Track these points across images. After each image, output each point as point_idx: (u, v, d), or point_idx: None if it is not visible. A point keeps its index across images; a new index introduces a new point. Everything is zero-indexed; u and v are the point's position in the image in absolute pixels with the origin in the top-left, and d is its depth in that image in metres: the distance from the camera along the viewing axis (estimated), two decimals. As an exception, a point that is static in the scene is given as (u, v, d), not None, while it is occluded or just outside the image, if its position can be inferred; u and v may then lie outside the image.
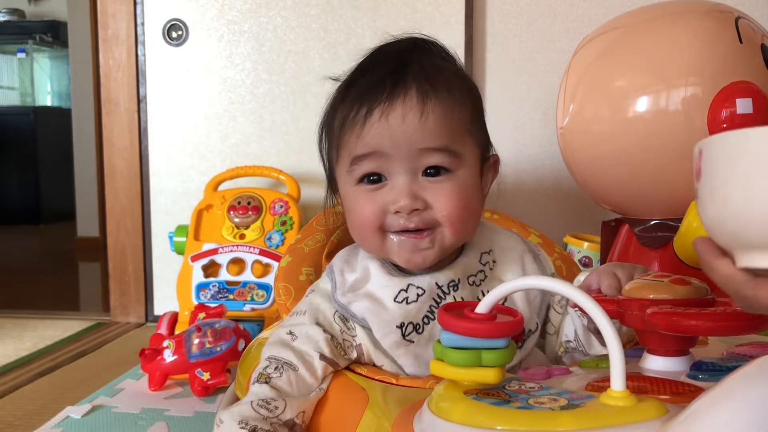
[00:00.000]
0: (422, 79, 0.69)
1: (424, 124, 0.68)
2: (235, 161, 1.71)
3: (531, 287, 0.64)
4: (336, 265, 0.79)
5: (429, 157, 0.70)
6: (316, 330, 0.73)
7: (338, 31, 1.67)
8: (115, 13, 1.74)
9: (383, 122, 0.69)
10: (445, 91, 0.70)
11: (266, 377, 0.70)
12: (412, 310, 0.72)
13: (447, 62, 0.76)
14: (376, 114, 0.69)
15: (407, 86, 0.69)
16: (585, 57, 1.18)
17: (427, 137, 0.69)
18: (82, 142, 3.38)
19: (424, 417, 0.56)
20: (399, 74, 0.70)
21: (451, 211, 0.70)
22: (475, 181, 0.74)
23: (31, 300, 2.16)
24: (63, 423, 1.05)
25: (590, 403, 0.52)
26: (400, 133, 0.69)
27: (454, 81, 0.73)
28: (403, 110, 0.68)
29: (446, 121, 0.70)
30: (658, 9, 1.14)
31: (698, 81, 1.03)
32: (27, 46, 4.44)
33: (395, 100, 0.69)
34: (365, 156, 0.71)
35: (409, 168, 0.70)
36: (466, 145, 0.72)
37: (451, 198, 0.70)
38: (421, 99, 0.68)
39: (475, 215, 0.74)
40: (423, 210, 0.70)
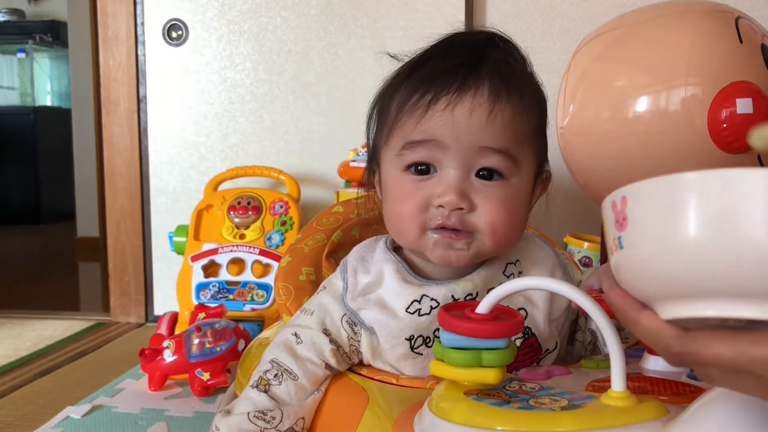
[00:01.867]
0: (496, 77, 0.66)
1: (491, 124, 0.65)
2: (235, 161, 1.71)
3: (531, 287, 0.64)
4: (350, 262, 0.75)
5: (487, 157, 0.66)
6: (323, 339, 0.71)
7: (338, 31, 1.67)
8: (115, 13, 1.74)
9: (447, 113, 0.65)
10: (518, 94, 0.67)
11: (266, 384, 0.69)
12: (423, 322, 0.69)
13: (520, 64, 0.73)
14: (442, 103, 0.65)
15: (480, 81, 0.66)
16: (585, 57, 1.18)
17: (490, 136, 0.65)
18: (82, 142, 3.38)
19: (425, 417, 0.56)
20: (473, 67, 0.66)
21: (496, 219, 0.66)
22: (527, 193, 0.70)
23: (31, 300, 2.16)
24: (63, 423, 1.05)
25: (591, 403, 0.52)
26: (463, 127, 0.65)
27: (527, 85, 0.70)
28: (472, 105, 0.65)
29: (513, 124, 0.66)
30: (658, 9, 1.14)
31: (698, 81, 1.03)
32: (27, 46, 4.43)
33: (465, 92, 0.65)
34: (420, 143, 0.67)
35: (463, 164, 0.66)
36: (526, 154, 0.69)
37: (499, 206, 0.66)
38: (493, 97, 0.65)
39: (519, 228, 0.70)
40: (467, 211, 0.66)
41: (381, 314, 0.70)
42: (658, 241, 0.39)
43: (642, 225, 0.40)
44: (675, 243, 0.38)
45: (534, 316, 0.71)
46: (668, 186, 0.39)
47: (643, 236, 0.40)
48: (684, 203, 0.38)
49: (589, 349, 0.76)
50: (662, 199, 0.39)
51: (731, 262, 0.36)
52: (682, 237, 0.38)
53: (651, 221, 0.40)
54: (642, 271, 0.41)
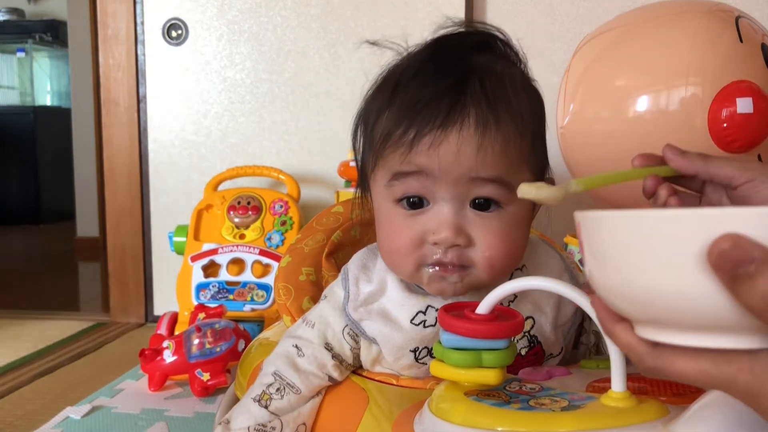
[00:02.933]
0: (483, 103, 0.61)
1: (480, 158, 0.61)
2: (235, 161, 1.71)
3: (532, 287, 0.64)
4: (352, 270, 0.73)
5: (480, 187, 0.62)
6: (325, 354, 0.70)
7: (338, 31, 1.67)
8: (114, 12, 1.74)
9: (433, 150, 0.61)
10: (508, 118, 0.62)
11: (267, 398, 0.69)
12: (428, 334, 0.67)
13: (511, 67, 0.67)
14: (427, 140, 0.61)
15: (465, 112, 0.61)
16: (585, 57, 1.18)
17: (481, 168, 0.61)
18: (82, 142, 3.38)
19: (425, 418, 0.56)
20: (456, 93, 0.62)
21: (494, 254, 0.63)
22: (526, 214, 0.67)
23: (31, 300, 2.16)
24: (63, 423, 1.05)
25: (591, 404, 0.52)
26: (451, 162, 0.61)
27: (519, 99, 0.64)
28: (459, 141, 0.61)
29: (506, 152, 0.62)
30: (658, 9, 1.14)
31: (698, 81, 1.03)
32: (27, 45, 4.43)
33: (450, 128, 0.61)
34: (408, 174, 0.63)
35: (456, 195, 0.62)
36: (522, 176, 0.64)
37: (496, 238, 0.63)
38: (480, 130, 0.61)
39: (518, 255, 0.67)
40: (464, 247, 0.63)
41: (385, 326, 0.68)
42: (600, 274, 0.41)
43: (588, 254, 0.42)
44: (608, 278, 0.40)
45: (541, 324, 0.70)
46: (595, 222, 0.40)
47: (590, 265, 0.42)
48: (605, 241, 0.39)
49: (593, 351, 0.76)
50: (595, 234, 0.40)
51: (643, 299, 0.38)
52: (609, 273, 0.40)
53: (589, 254, 0.41)
54: (599, 293, 0.43)
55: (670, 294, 0.36)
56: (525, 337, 0.69)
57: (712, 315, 0.36)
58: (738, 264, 0.34)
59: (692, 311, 0.36)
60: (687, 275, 0.35)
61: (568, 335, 0.73)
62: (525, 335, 0.69)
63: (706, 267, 0.35)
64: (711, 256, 0.34)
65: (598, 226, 0.40)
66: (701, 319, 0.36)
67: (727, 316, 0.35)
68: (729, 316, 0.35)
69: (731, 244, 0.34)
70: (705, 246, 0.34)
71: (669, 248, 0.36)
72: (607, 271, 0.40)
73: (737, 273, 0.34)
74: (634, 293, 0.38)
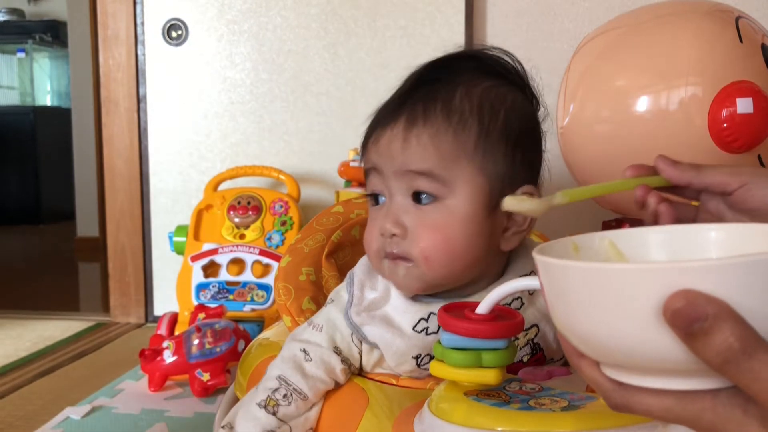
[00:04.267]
0: (419, 104, 0.66)
1: (406, 149, 0.65)
2: (235, 161, 1.71)
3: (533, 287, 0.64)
4: (357, 276, 0.73)
5: (414, 180, 0.65)
6: (334, 358, 0.70)
7: (338, 31, 1.67)
8: (115, 12, 1.74)
9: (375, 146, 0.68)
10: (441, 113, 0.66)
11: (274, 405, 0.68)
12: (430, 341, 0.67)
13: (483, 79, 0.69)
14: (373, 139, 0.69)
15: (401, 112, 0.67)
16: (585, 57, 1.18)
17: (409, 159, 0.65)
18: (82, 142, 3.38)
19: (425, 418, 0.56)
20: (402, 98, 0.68)
21: (427, 245, 0.64)
22: (471, 213, 0.65)
23: (31, 300, 2.16)
24: (63, 423, 1.05)
25: (591, 404, 0.52)
26: (386, 155, 0.67)
27: (465, 101, 0.66)
28: (390, 137, 0.66)
29: (433, 144, 0.65)
30: (658, 9, 1.14)
31: (698, 81, 1.03)
32: (27, 45, 4.43)
33: (386, 128, 0.67)
34: (368, 171, 0.70)
35: (398, 188, 0.66)
36: (461, 172, 0.65)
37: (430, 231, 0.65)
38: (407, 126, 0.66)
39: (463, 256, 0.66)
40: (402, 238, 0.66)
41: (387, 332, 0.68)
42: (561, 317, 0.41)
43: (548, 296, 0.42)
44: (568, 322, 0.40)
45: (545, 333, 0.69)
46: (554, 270, 0.40)
47: (552, 305, 0.42)
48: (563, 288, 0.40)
49: None
50: (553, 281, 0.40)
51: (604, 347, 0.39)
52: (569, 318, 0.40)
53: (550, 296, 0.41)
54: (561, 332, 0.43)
55: (629, 343, 0.37)
56: (528, 344, 0.68)
57: (672, 362, 0.36)
58: (692, 321, 0.34)
59: (652, 359, 0.37)
60: (644, 327, 0.35)
61: None
62: (528, 343, 0.68)
63: (662, 321, 0.35)
64: (666, 313, 0.35)
65: (556, 273, 0.40)
66: (662, 366, 0.37)
67: (686, 364, 0.36)
68: (688, 364, 0.36)
69: (685, 302, 0.34)
70: (660, 302, 0.34)
71: (626, 302, 0.36)
72: (567, 316, 0.40)
73: (692, 330, 0.34)
74: (595, 340, 0.39)
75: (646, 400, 0.39)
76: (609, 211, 1.27)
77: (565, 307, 0.40)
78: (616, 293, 0.36)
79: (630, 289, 0.35)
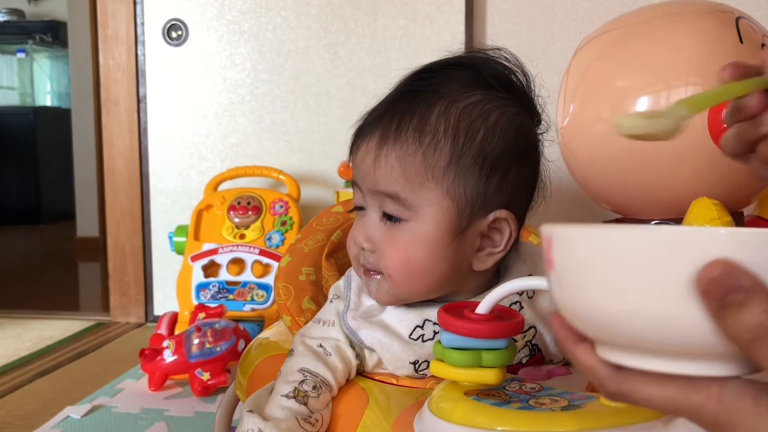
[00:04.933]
0: (396, 118, 0.65)
1: (377, 169, 0.66)
2: (235, 161, 1.71)
3: (532, 287, 0.64)
4: (355, 280, 0.73)
5: (384, 200, 0.66)
6: (351, 352, 0.70)
7: (338, 31, 1.67)
8: (114, 12, 1.74)
9: (353, 157, 0.70)
10: (413, 133, 0.64)
11: (303, 395, 0.67)
12: (427, 348, 0.67)
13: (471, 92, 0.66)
14: (353, 149, 0.70)
15: (377, 126, 0.67)
16: (585, 57, 1.18)
17: (378, 180, 0.65)
18: (82, 142, 3.38)
19: (425, 418, 0.56)
20: (384, 110, 0.68)
21: (389, 263, 0.65)
22: (435, 238, 0.64)
23: (31, 300, 2.16)
24: (63, 423, 1.05)
25: (591, 403, 0.52)
26: (361, 172, 0.68)
27: (442, 119, 0.64)
28: (365, 151, 0.67)
29: (400, 166, 0.64)
30: (658, 9, 1.14)
31: (698, 81, 1.03)
32: (27, 46, 4.43)
33: (364, 139, 0.68)
34: (352, 184, 0.71)
35: (374, 205, 0.67)
36: (427, 196, 0.64)
37: (393, 250, 0.65)
38: (380, 142, 0.66)
39: (425, 276, 0.65)
40: (371, 252, 0.67)
41: (383, 336, 0.68)
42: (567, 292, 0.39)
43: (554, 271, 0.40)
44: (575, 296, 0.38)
45: (543, 334, 0.69)
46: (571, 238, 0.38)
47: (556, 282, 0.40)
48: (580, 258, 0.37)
49: None
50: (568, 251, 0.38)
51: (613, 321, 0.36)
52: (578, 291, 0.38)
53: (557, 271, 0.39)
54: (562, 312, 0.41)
55: (645, 317, 0.35)
56: (526, 346, 0.69)
57: (687, 340, 0.34)
58: (727, 292, 0.32)
59: (665, 335, 0.35)
60: (670, 299, 0.34)
61: None
62: (527, 345, 0.69)
63: (692, 291, 0.33)
64: (700, 282, 0.33)
65: (573, 241, 0.38)
66: (673, 344, 0.35)
67: (703, 342, 0.34)
68: (705, 343, 0.34)
69: (722, 271, 0.33)
70: (692, 270, 0.33)
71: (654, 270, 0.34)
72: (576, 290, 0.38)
73: (725, 302, 0.32)
74: (604, 314, 0.36)
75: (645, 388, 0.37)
76: (610, 212, 1.27)
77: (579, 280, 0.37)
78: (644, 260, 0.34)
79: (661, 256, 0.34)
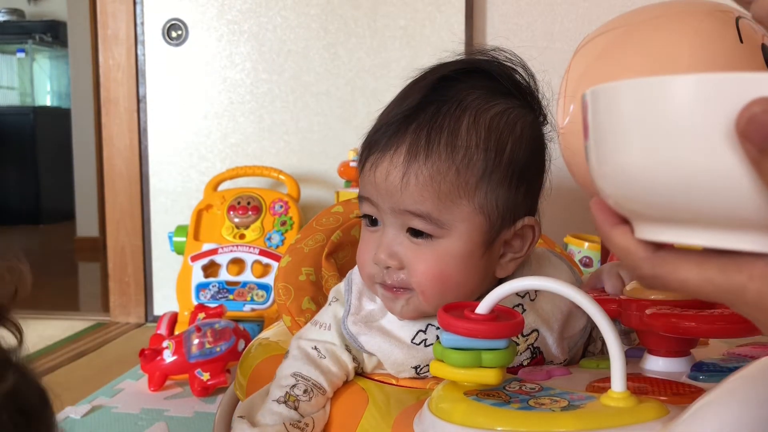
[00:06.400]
0: (423, 132, 0.62)
1: (405, 187, 0.62)
2: (235, 161, 1.71)
3: (533, 288, 0.64)
4: (356, 284, 0.72)
5: (410, 218, 0.64)
6: (347, 356, 0.70)
7: (338, 31, 1.67)
8: (114, 12, 1.74)
9: (371, 173, 0.65)
10: (445, 150, 0.62)
11: (294, 400, 0.67)
12: (429, 352, 0.66)
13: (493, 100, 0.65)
14: (369, 162, 0.65)
15: (402, 139, 0.63)
16: (585, 57, 1.18)
17: (407, 200, 0.63)
18: (82, 142, 3.38)
19: (425, 418, 0.56)
20: (407, 119, 0.63)
21: (422, 279, 0.64)
22: (468, 251, 0.64)
23: (31, 300, 2.15)
24: (63, 423, 1.05)
25: (591, 404, 0.52)
26: (383, 190, 0.64)
27: (473, 133, 0.63)
28: (389, 167, 0.63)
29: (432, 186, 0.62)
30: (658, 9, 1.14)
31: (698, 81, 1.03)
32: (27, 46, 4.43)
33: (386, 153, 0.64)
34: (362, 198, 0.67)
35: (395, 221, 0.65)
36: (459, 213, 0.63)
37: (425, 266, 0.64)
38: (408, 158, 0.62)
39: (458, 289, 0.65)
40: (397, 269, 0.65)
41: (385, 342, 0.68)
42: (606, 159, 0.36)
43: (594, 138, 0.37)
44: (615, 161, 0.35)
45: (545, 337, 0.69)
46: (610, 94, 0.35)
47: (595, 151, 0.37)
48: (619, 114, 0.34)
49: (598, 356, 0.75)
50: (606, 109, 0.35)
51: (652, 184, 0.34)
52: (617, 155, 0.35)
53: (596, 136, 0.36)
54: (599, 187, 0.38)
55: (684, 174, 0.32)
56: (528, 349, 0.68)
57: (729, 203, 0.31)
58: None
59: (706, 197, 0.32)
60: (708, 148, 0.31)
61: (574, 347, 0.72)
62: (528, 347, 0.68)
63: (731, 138, 0.30)
64: (740, 121, 0.30)
65: (612, 98, 0.35)
66: (715, 210, 0.32)
67: (746, 205, 0.31)
68: (749, 206, 0.31)
69: (763, 109, 0.29)
70: (731, 115, 0.30)
71: (692, 116, 0.31)
72: (615, 153, 0.35)
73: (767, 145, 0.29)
74: (644, 177, 0.34)
75: (682, 269, 0.34)
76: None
77: (612, 145, 0.35)
78: (678, 109, 0.32)
79: (696, 102, 0.31)
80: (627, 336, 0.73)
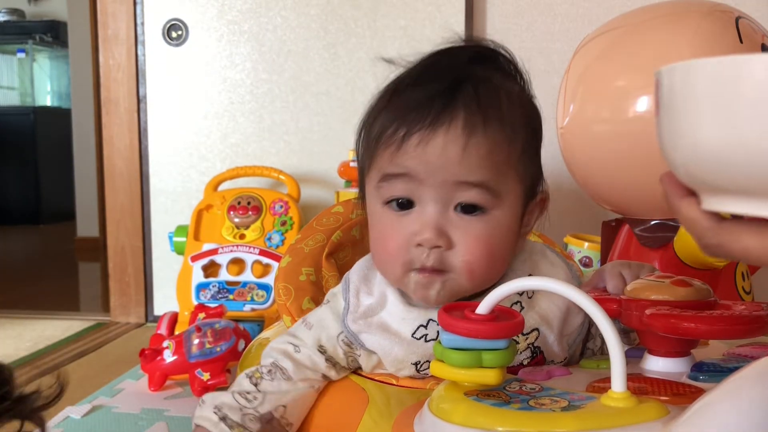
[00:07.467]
0: (473, 106, 0.63)
1: (465, 159, 0.62)
2: (235, 161, 1.71)
3: (533, 288, 0.64)
4: (353, 281, 0.72)
5: (464, 191, 0.63)
6: (319, 357, 0.71)
7: (338, 31, 1.67)
8: (115, 12, 1.74)
9: (420, 149, 0.63)
10: (497, 124, 0.63)
11: (259, 377, 0.71)
12: (430, 348, 0.66)
13: (510, 81, 0.69)
14: (415, 139, 0.63)
15: (455, 112, 0.62)
16: (585, 57, 1.18)
17: (465, 171, 0.62)
18: (82, 142, 3.38)
19: (425, 418, 0.56)
20: (449, 96, 0.63)
21: (473, 258, 0.63)
22: (512, 222, 0.66)
23: (31, 300, 2.16)
24: (63, 423, 1.05)
25: (591, 404, 0.52)
26: (437, 164, 0.62)
27: (512, 109, 0.65)
28: (445, 140, 0.62)
29: (491, 156, 0.63)
30: (658, 9, 1.14)
31: (698, 81, 1.03)
32: (27, 46, 4.43)
33: (438, 128, 0.62)
34: (396, 176, 0.65)
35: (440, 198, 0.63)
36: (509, 183, 0.65)
37: (477, 242, 0.63)
38: (467, 131, 0.62)
39: (502, 261, 0.67)
40: (445, 249, 0.63)
41: (385, 339, 0.68)
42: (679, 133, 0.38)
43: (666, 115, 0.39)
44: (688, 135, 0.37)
45: (545, 336, 0.69)
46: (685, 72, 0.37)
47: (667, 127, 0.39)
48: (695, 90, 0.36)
49: (597, 353, 0.75)
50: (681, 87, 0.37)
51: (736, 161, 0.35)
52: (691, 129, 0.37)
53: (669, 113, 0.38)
54: (670, 159, 0.40)
55: (759, 148, 0.33)
56: (528, 348, 0.69)
57: None
58: None
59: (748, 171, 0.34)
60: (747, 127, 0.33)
61: (573, 345, 0.72)
62: (528, 347, 0.69)
63: None
64: None
65: (689, 74, 0.37)
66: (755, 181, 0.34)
67: None
68: None
69: None
70: None
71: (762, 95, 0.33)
72: (689, 127, 0.37)
73: None
74: (718, 150, 0.35)
75: (745, 238, 0.36)
76: (610, 212, 1.27)
77: (687, 119, 0.36)
78: (756, 86, 0.33)
79: None
80: (627, 336, 0.73)
